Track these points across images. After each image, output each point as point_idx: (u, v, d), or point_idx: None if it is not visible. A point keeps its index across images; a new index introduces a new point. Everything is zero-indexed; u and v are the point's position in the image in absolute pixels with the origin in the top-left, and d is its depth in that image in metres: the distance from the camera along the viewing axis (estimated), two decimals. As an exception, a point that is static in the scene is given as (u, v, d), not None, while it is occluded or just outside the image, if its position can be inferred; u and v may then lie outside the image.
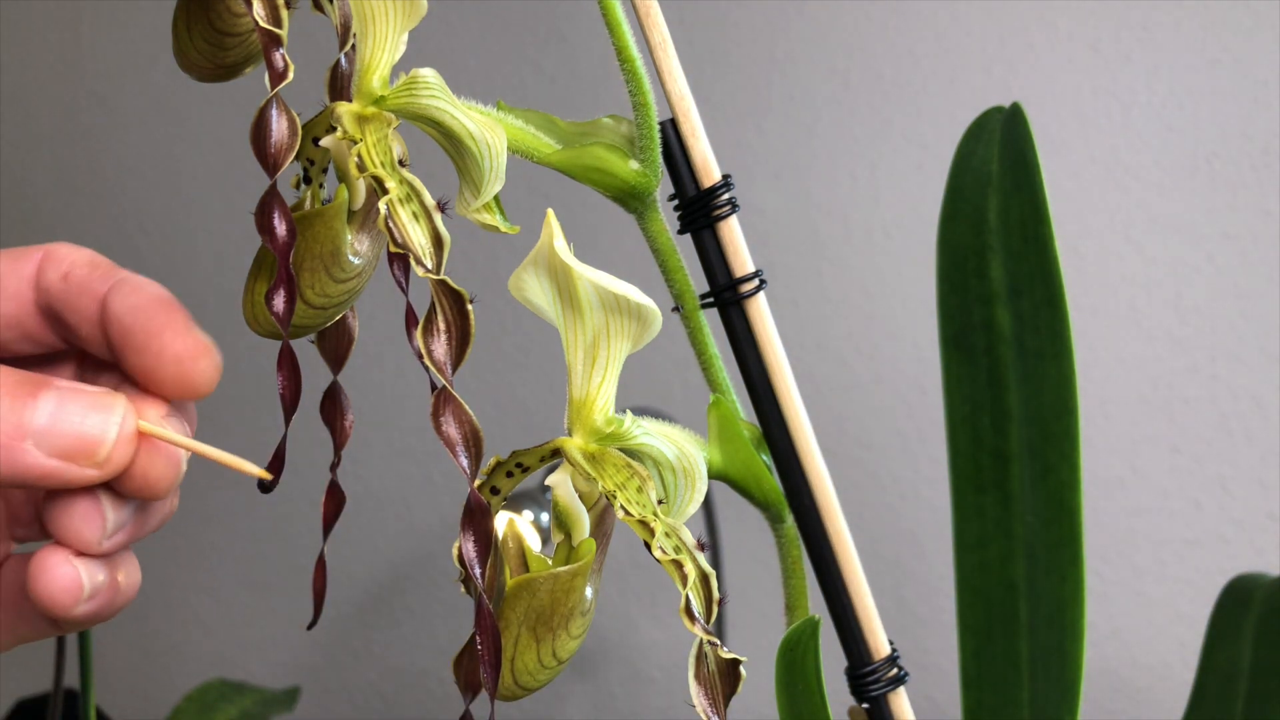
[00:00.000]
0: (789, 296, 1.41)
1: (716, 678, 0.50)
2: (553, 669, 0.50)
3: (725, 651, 0.50)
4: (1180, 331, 1.32)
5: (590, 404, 0.50)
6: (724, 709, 0.50)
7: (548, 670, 0.50)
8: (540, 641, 0.49)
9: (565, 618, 0.50)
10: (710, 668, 0.50)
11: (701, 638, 0.49)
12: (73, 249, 0.52)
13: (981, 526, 0.74)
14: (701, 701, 0.50)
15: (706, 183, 0.54)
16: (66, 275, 0.50)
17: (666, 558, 0.50)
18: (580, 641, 0.51)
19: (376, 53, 0.48)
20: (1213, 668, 0.83)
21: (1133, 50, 1.30)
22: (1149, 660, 1.35)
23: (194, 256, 1.68)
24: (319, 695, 1.65)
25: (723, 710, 0.50)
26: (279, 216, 0.41)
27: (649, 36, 0.52)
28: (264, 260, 0.49)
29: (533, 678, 0.50)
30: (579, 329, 0.49)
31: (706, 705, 0.50)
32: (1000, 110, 0.74)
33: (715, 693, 0.50)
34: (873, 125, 1.39)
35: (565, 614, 0.50)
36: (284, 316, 0.42)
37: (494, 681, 0.46)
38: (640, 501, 0.50)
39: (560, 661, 0.50)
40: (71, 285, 0.50)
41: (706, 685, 0.50)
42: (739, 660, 0.50)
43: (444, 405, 0.46)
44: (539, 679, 0.50)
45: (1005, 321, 0.72)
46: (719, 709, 0.50)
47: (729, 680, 0.50)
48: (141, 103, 1.70)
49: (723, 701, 0.50)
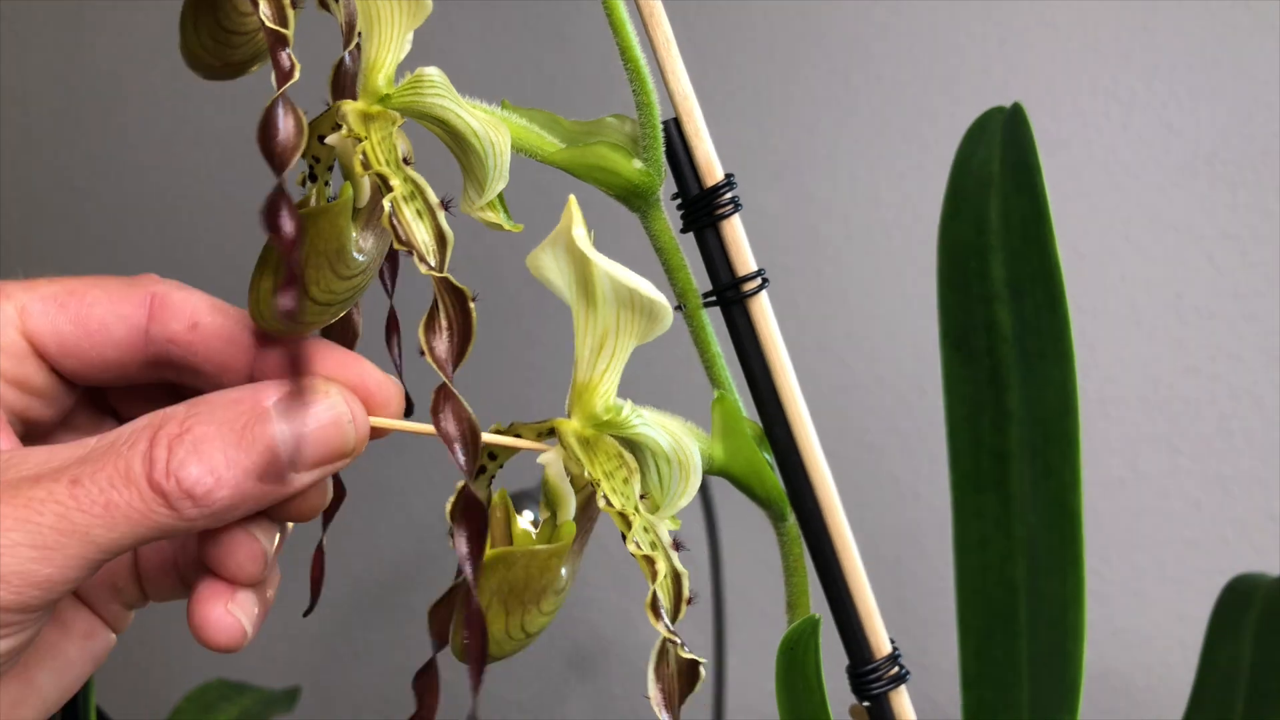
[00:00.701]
0: (789, 296, 1.41)
1: (675, 677, 0.51)
2: (519, 641, 0.51)
3: (686, 651, 0.50)
4: (1180, 331, 1.32)
5: (593, 390, 0.50)
6: (678, 708, 0.51)
7: (514, 641, 0.51)
8: (510, 613, 0.50)
9: (538, 594, 0.50)
10: (670, 667, 0.51)
11: (664, 635, 0.50)
12: (181, 290, 0.51)
13: (982, 526, 0.74)
14: (657, 697, 0.51)
15: (709, 182, 0.54)
16: (195, 325, 0.50)
17: (640, 552, 0.50)
18: (550, 619, 0.52)
19: (382, 51, 0.49)
20: (1213, 668, 0.83)
21: (1133, 50, 1.31)
22: (1149, 660, 1.35)
23: (194, 256, 1.68)
24: (319, 695, 1.65)
25: (676, 709, 0.51)
26: (286, 214, 0.41)
27: (652, 36, 0.52)
28: (269, 257, 0.49)
29: (499, 646, 0.51)
30: (591, 316, 0.49)
31: (661, 702, 0.50)
32: (1001, 110, 0.74)
33: (671, 691, 0.51)
34: (873, 125, 1.39)
35: (538, 590, 0.50)
36: (292, 313, 0.42)
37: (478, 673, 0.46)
38: (623, 493, 0.50)
39: (528, 635, 0.51)
40: (206, 336, 0.50)
41: (664, 683, 0.51)
42: (699, 661, 0.51)
43: (443, 402, 0.46)
44: (504, 649, 0.51)
45: (1006, 322, 0.72)
46: (673, 708, 0.51)
47: (687, 680, 0.51)
48: (142, 102, 1.70)
49: (678, 700, 0.51)
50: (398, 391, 0.50)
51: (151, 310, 0.50)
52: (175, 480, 0.43)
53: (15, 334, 0.49)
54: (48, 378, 0.51)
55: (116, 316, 0.50)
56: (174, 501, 0.43)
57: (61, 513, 0.42)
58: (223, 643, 0.48)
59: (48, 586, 0.42)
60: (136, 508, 0.42)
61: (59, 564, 0.42)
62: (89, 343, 0.50)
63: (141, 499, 0.42)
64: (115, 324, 0.50)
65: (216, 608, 0.48)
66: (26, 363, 0.50)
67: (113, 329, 0.50)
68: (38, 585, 0.42)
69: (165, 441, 0.43)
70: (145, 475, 0.43)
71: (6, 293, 0.50)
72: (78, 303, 0.50)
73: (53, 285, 0.50)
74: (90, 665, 0.52)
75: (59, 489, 0.42)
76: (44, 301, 0.50)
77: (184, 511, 0.43)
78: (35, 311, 0.49)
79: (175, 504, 0.43)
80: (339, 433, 0.47)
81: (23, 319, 0.49)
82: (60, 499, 0.42)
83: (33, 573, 0.42)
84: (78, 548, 0.42)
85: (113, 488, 0.42)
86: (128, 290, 0.50)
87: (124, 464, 0.43)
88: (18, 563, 0.41)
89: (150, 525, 0.43)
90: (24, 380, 0.50)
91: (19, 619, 0.43)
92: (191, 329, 0.50)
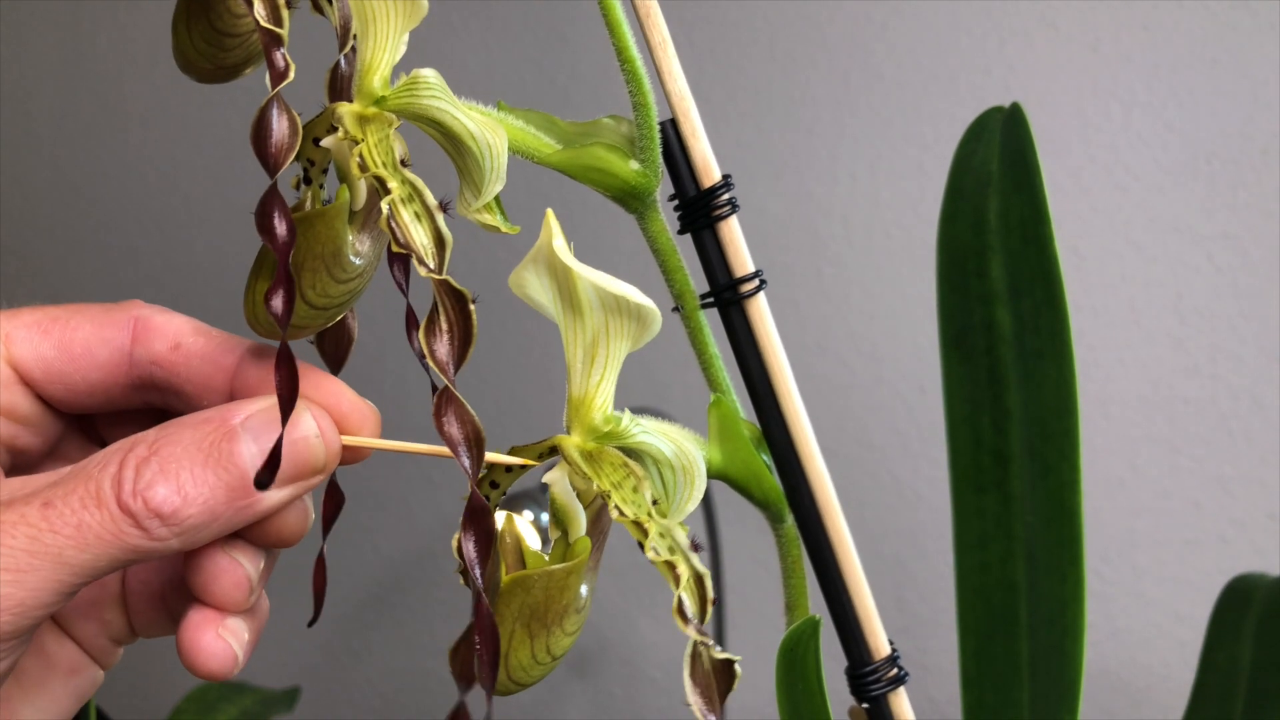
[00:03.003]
0: (789, 296, 1.41)
1: (711, 677, 0.50)
2: (546, 665, 0.50)
3: (719, 651, 0.50)
4: (1180, 331, 1.32)
5: (589, 402, 0.50)
6: (720, 708, 0.50)
7: (541, 666, 0.50)
8: (534, 638, 0.50)
9: (560, 615, 0.50)
10: (705, 668, 0.50)
11: (695, 638, 0.49)
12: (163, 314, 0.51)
13: (981, 526, 0.74)
14: (697, 701, 0.50)
15: (706, 183, 0.54)
16: (178, 346, 0.50)
17: (660, 559, 0.50)
18: (574, 638, 0.51)
19: (377, 53, 0.48)
20: (1213, 668, 0.83)
21: (1133, 50, 1.30)
22: (1149, 660, 1.35)
23: (194, 256, 1.68)
24: (319, 695, 1.65)
25: (719, 709, 0.50)
26: (279, 216, 0.41)
27: (649, 36, 0.52)
28: (265, 260, 0.49)
29: (526, 673, 0.50)
30: (579, 328, 0.49)
31: (702, 705, 0.50)
32: (1000, 110, 0.74)
33: (711, 692, 0.50)
34: (873, 125, 1.39)
35: (560, 611, 0.50)
36: (283, 317, 0.42)
37: (491, 680, 0.46)
38: (635, 502, 0.50)
39: (554, 658, 0.51)
40: (189, 357, 0.50)
41: (702, 685, 0.50)
42: (733, 660, 0.50)
43: (446, 405, 0.46)
44: (533, 674, 0.50)
45: (1005, 321, 0.72)
46: (715, 708, 0.50)
47: (724, 679, 0.51)
48: (141, 103, 1.70)
49: (718, 701, 0.51)
50: (372, 413, 0.50)
51: (135, 333, 0.50)
52: (142, 500, 0.43)
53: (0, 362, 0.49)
54: (34, 405, 0.51)
55: (100, 340, 0.50)
56: (143, 521, 0.43)
57: (33, 535, 0.42)
58: (214, 668, 0.47)
59: (20, 611, 0.42)
60: (108, 528, 0.42)
61: (31, 586, 0.42)
62: (73, 367, 0.50)
63: (112, 520, 0.43)
64: (99, 347, 0.50)
65: (207, 633, 0.48)
66: (12, 390, 0.50)
67: (96, 352, 0.50)
68: (10, 610, 0.42)
69: (133, 463, 0.44)
70: (114, 496, 0.43)
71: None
72: (61, 328, 0.50)
73: (36, 313, 0.50)
74: (76, 702, 0.52)
75: (30, 511, 0.42)
76: (28, 328, 0.50)
77: (153, 531, 0.43)
78: (19, 338, 0.49)
79: (144, 524, 0.43)
80: (307, 449, 0.47)
81: (7, 346, 0.49)
82: (32, 521, 0.42)
83: (6, 596, 0.41)
84: (50, 570, 0.42)
85: (84, 509, 0.42)
86: (111, 315, 0.51)
87: (94, 485, 0.43)
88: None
89: (121, 546, 0.43)
90: (10, 408, 0.50)
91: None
92: (174, 349, 0.50)
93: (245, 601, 0.48)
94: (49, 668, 0.51)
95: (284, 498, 0.47)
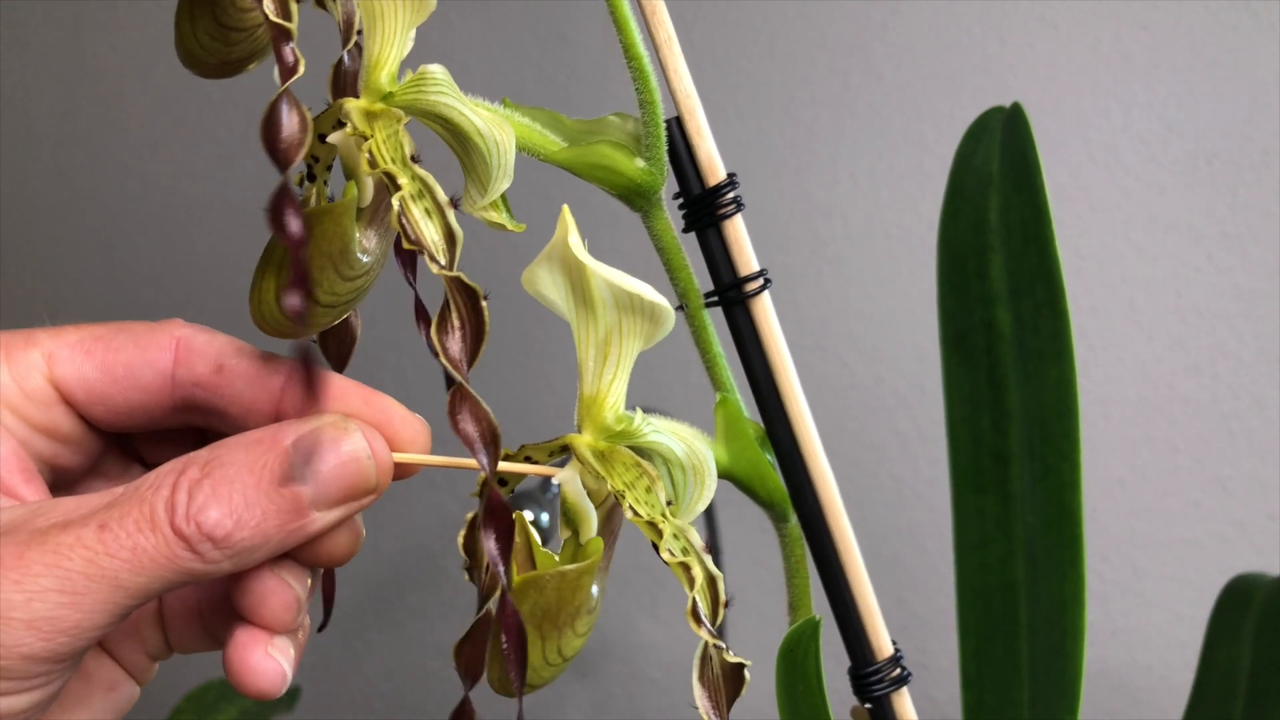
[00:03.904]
0: (789, 296, 1.41)
1: (720, 681, 0.50)
2: (558, 666, 0.50)
3: (731, 655, 0.50)
4: (1180, 331, 1.32)
5: (601, 401, 0.50)
6: (726, 712, 0.50)
7: (552, 667, 0.50)
8: (546, 639, 0.49)
9: (571, 616, 0.50)
10: (714, 671, 0.50)
11: (707, 640, 0.49)
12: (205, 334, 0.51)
13: (981, 527, 0.74)
14: (704, 704, 0.50)
15: (711, 181, 0.54)
16: (221, 369, 0.50)
17: (675, 560, 0.49)
18: (585, 639, 0.51)
19: (385, 48, 0.48)
20: (1213, 668, 0.83)
21: (1133, 50, 1.31)
22: (1149, 660, 1.35)
23: (194, 256, 1.67)
24: (319, 695, 1.65)
25: (725, 713, 0.50)
26: (292, 213, 0.41)
27: (654, 34, 0.52)
28: (271, 258, 0.49)
29: (537, 674, 0.50)
30: (591, 326, 0.49)
31: (709, 708, 0.50)
32: (1001, 110, 0.74)
33: (719, 696, 0.50)
34: (873, 125, 1.39)
35: (571, 612, 0.49)
36: (300, 314, 0.42)
37: (521, 680, 0.46)
38: (649, 502, 0.50)
39: (565, 659, 0.50)
40: (232, 379, 0.50)
41: (710, 688, 0.50)
42: (744, 664, 0.50)
43: (461, 403, 0.46)
44: (543, 676, 0.50)
45: (1005, 322, 0.72)
46: (721, 712, 0.50)
47: (733, 683, 0.50)
48: (141, 103, 1.69)
49: (725, 705, 0.50)
50: (423, 428, 0.50)
51: (177, 354, 0.50)
52: (195, 524, 0.43)
53: (43, 381, 0.49)
54: (75, 425, 0.51)
55: (143, 362, 0.50)
56: (196, 545, 0.43)
57: (90, 558, 0.42)
58: (264, 687, 0.47)
59: (76, 633, 0.42)
60: (162, 552, 0.43)
61: (87, 609, 0.42)
62: (116, 389, 0.50)
63: (166, 543, 0.43)
64: (141, 369, 0.50)
65: (255, 652, 0.47)
66: (54, 410, 0.50)
67: (139, 374, 0.50)
68: (66, 631, 0.42)
69: (186, 486, 0.44)
70: (168, 520, 0.43)
71: (34, 340, 0.50)
72: (104, 349, 0.50)
73: (79, 332, 0.50)
74: (114, 718, 0.52)
75: (87, 534, 0.42)
76: (70, 348, 0.50)
77: (206, 555, 0.43)
78: (62, 358, 0.49)
79: (198, 547, 0.43)
80: (358, 469, 0.47)
81: (50, 366, 0.49)
82: (89, 544, 0.42)
83: (62, 618, 0.42)
84: (106, 592, 0.42)
85: (139, 532, 0.42)
86: (153, 335, 0.50)
87: (148, 509, 0.43)
88: (47, 608, 0.41)
89: (176, 569, 0.43)
90: (52, 428, 0.50)
91: (47, 669, 0.43)
92: (217, 372, 0.50)
93: (294, 622, 0.48)
94: (89, 685, 0.52)
95: (335, 519, 0.47)
